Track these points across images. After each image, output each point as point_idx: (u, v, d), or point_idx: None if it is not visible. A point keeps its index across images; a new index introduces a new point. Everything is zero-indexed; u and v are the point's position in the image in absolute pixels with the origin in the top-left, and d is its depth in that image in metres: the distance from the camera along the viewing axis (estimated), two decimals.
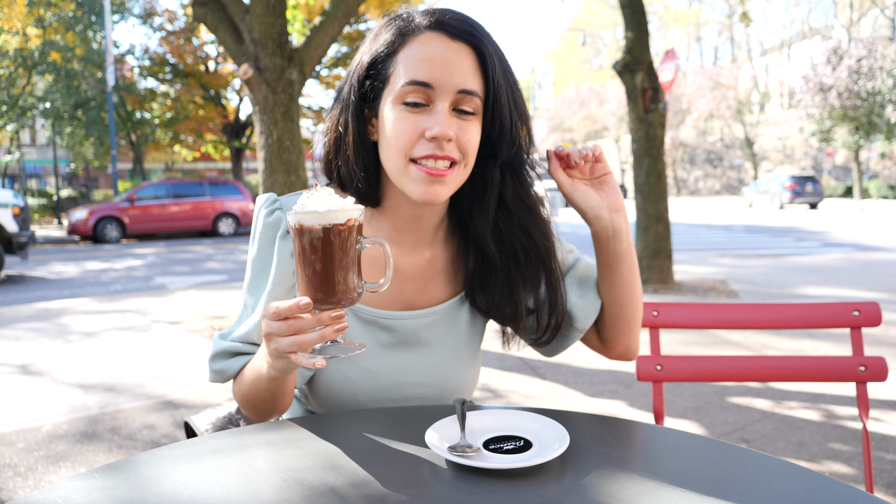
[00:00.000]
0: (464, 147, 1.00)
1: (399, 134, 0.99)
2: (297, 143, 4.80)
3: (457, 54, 0.99)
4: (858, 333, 1.46)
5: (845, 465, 2.76)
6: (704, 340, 4.86)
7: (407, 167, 1.01)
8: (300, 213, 0.85)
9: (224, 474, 0.82)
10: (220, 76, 24.18)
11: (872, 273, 8.58)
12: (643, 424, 1.02)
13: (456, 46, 0.99)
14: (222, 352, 1.11)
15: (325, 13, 4.91)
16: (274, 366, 0.93)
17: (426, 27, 1.00)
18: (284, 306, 0.85)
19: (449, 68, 0.98)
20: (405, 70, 0.99)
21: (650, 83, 7.11)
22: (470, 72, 0.99)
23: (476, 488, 0.78)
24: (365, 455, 0.88)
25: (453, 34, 0.99)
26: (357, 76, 1.06)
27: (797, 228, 17.19)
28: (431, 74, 0.97)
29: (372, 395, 1.12)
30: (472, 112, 1.01)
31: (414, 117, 0.99)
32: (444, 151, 0.98)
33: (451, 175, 1.01)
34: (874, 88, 31.71)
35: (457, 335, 1.17)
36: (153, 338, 5.32)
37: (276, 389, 1.03)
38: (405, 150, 1.00)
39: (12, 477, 2.74)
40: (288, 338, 0.86)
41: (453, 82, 0.98)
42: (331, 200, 0.86)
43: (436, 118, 0.98)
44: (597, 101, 49.56)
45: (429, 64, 0.98)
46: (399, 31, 1.02)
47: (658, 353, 1.52)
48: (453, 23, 1.00)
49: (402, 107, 0.99)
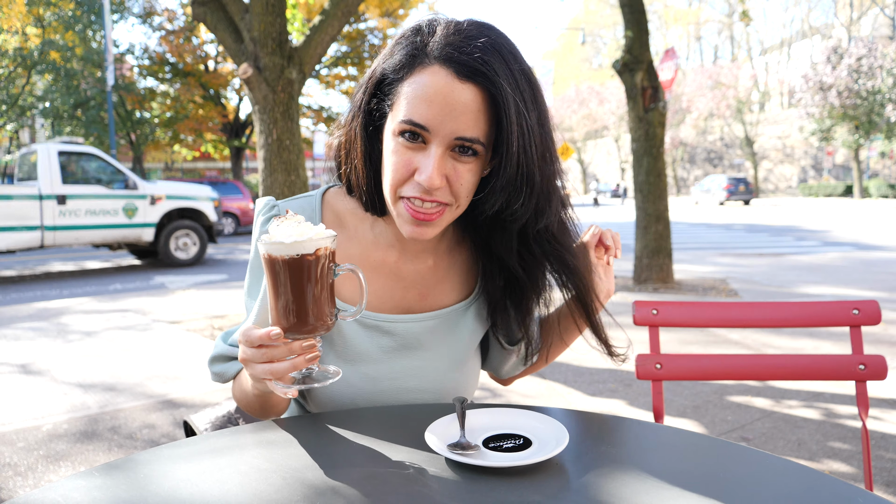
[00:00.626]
0: (456, 191, 0.96)
1: (392, 168, 0.97)
2: (296, 142, 4.80)
3: (461, 95, 0.91)
4: (858, 332, 1.46)
5: (845, 464, 2.76)
6: (704, 339, 4.86)
7: (396, 203, 0.99)
8: (268, 243, 0.84)
9: (223, 473, 0.82)
10: (219, 75, 24.19)
11: (872, 272, 8.58)
12: (643, 423, 1.02)
13: (461, 88, 0.91)
14: (220, 355, 1.12)
15: (324, 12, 4.90)
16: (255, 386, 0.96)
17: (436, 58, 0.93)
18: (257, 334, 0.84)
19: (449, 113, 0.91)
20: (405, 105, 0.94)
21: (650, 82, 7.11)
22: (473, 118, 0.92)
23: (476, 486, 0.78)
24: (364, 453, 0.88)
25: (461, 74, 0.91)
26: (367, 90, 1.02)
27: (797, 227, 17.19)
28: (429, 118, 0.92)
29: (370, 399, 1.11)
30: (473, 152, 0.95)
31: (408, 154, 0.95)
32: (431, 196, 0.95)
33: (440, 218, 0.98)
34: (874, 87, 31.71)
35: (457, 341, 1.17)
36: (153, 337, 5.32)
37: (266, 402, 1.06)
38: (395, 187, 0.98)
39: (12, 476, 2.74)
40: (262, 365, 0.86)
41: (450, 128, 0.92)
42: (299, 230, 0.84)
43: (426, 164, 0.93)
44: (597, 101, 49.54)
45: (428, 105, 0.92)
46: (410, 55, 0.95)
47: (658, 352, 1.51)
48: (464, 59, 0.91)
49: (400, 139, 0.95)
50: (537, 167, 0.96)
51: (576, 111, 51.19)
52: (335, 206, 1.15)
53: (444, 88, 0.91)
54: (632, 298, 6.40)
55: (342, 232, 1.13)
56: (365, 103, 1.02)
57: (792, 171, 47.28)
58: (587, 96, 50.48)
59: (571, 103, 51.59)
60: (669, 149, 45.33)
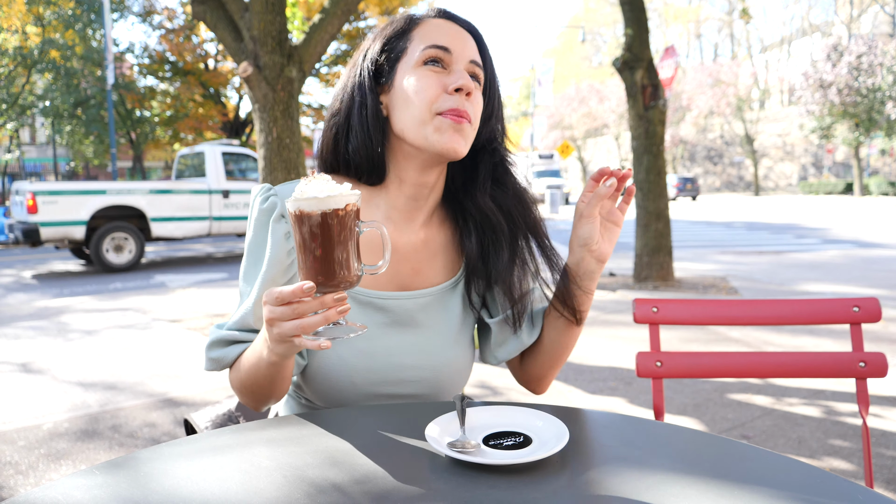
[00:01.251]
0: (475, 111, 1.10)
1: (424, 88, 1.07)
2: (296, 140, 4.80)
3: (464, 34, 1.12)
4: (858, 329, 1.46)
5: (845, 461, 2.76)
6: (704, 337, 4.86)
7: (433, 119, 1.07)
8: (300, 199, 0.86)
9: (224, 471, 0.82)
10: (219, 74, 24.16)
11: (872, 269, 8.58)
12: (643, 420, 1.02)
13: (461, 30, 1.12)
14: (219, 340, 1.12)
15: (324, 10, 4.90)
16: (275, 350, 0.95)
17: (434, 16, 1.13)
18: (287, 291, 0.86)
19: (462, 42, 1.11)
20: (424, 39, 1.10)
21: (650, 80, 7.10)
22: (475, 50, 1.12)
23: (476, 484, 0.78)
24: (365, 451, 0.88)
25: (459, 22, 1.14)
26: (369, 57, 1.14)
27: (797, 225, 17.19)
28: (449, 42, 1.09)
29: (367, 376, 1.13)
30: (478, 81, 1.13)
31: (436, 77, 1.08)
32: (464, 107, 1.07)
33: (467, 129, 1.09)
34: (874, 85, 31.70)
35: (450, 319, 1.19)
36: (153, 336, 5.33)
37: (276, 374, 1.04)
38: (430, 103, 1.07)
39: (13, 475, 2.75)
40: (291, 322, 0.87)
41: (467, 52, 1.10)
42: (329, 186, 0.87)
43: (457, 75, 1.07)
44: (597, 99, 49.50)
45: (445, 33, 1.10)
46: (409, 19, 1.14)
47: (658, 350, 1.52)
48: (458, 17, 1.15)
49: (424, 67, 1.08)
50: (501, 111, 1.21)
51: (576, 109, 51.15)
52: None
53: (452, 26, 1.12)
54: (632, 296, 6.40)
55: None
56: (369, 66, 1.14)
57: (792, 169, 47.28)
58: (587, 94, 50.43)
59: (571, 101, 51.55)
60: (670, 147, 45.32)
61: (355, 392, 1.14)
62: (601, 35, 75.78)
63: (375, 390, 1.14)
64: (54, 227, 9.59)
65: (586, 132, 54.45)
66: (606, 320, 5.49)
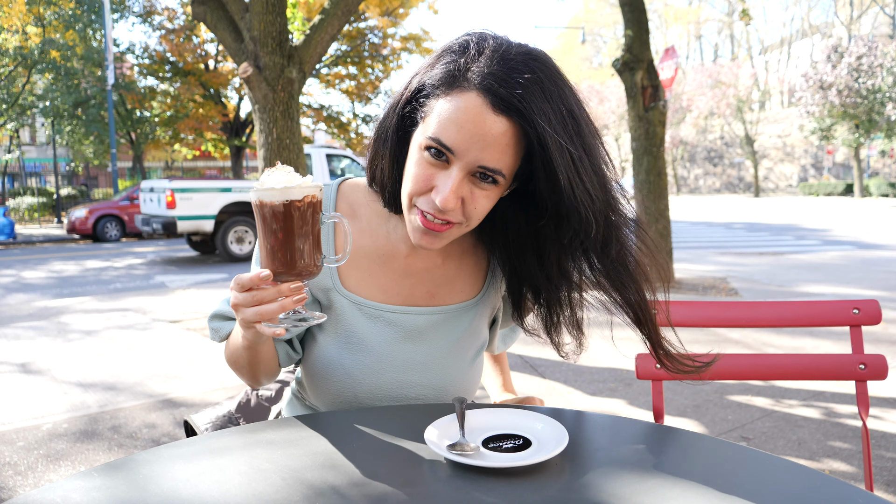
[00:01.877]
0: (468, 213, 0.98)
1: (412, 178, 0.99)
2: (296, 141, 4.79)
3: (492, 129, 0.91)
4: (858, 331, 1.46)
5: (845, 464, 2.76)
6: (704, 338, 4.86)
7: (410, 210, 1.02)
8: (259, 189, 0.89)
9: (223, 473, 0.82)
10: (219, 74, 24.14)
11: (872, 271, 8.58)
12: (642, 423, 1.02)
13: (494, 120, 0.91)
14: (219, 313, 1.16)
15: (324, 11, 4.90)
16: (245, 335, 0.99)
17: (475, 85, 0.91)
18: (246, 278, 0.89)
19: (477, 142, 0.92)
20: (436, 123, 0.94)
21: (650, 81, 7.10)
22: (500, 150, 0.92)
23: (475, 487, 0.78)
24: (364, 454, 0.88)
25: (497, 106, 0.90)
26: (405, 96, 1.02)
27: (797, 226, 17.19)
28: (456, 142, 0.92)
29: (372, 391, 1.12)
30: (493, 181, 0.96)
31: (430, 168, 0.96)
32: (442, 216, 0.97)
33: (448, 232, 1.01)
34: (874, 86, 31.71)
35: (461, 336, 1.17)
36: (153, 336, 5.32)
37: (253, 358, 1.07)
38: (411, 197, 1.00)
39: (12, 476, 2.74)
40: (251, 308, 0.90)
41: (475, 156, 0.93)
42: (289, 177, 0.89)
43: (444, 185, 0.95)
44: (597, 99, 49.48)
45: (457, 129, 0.92)
46: (451, 75, 0.94)
47: None
48: (502, 92, 0.90)
49: (425, 153, 0.96)
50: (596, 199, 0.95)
51: None
52: (350, 197, 1.18)
53: (477, 117, 0.91)
54: None
55: (355, 223, 1.16)
56: (400, 108, 1.03)
57: (792, 170, 47.29)
58: (587, 95, 49.34)
59: None
60: (670, 148, 45.33)
61: (358, 406, 1.13)
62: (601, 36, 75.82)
63: (380, 405, 1.13)
64: (189, 221, 10.99)
65: None
66: (606, 321, 5.49)
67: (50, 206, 25.34)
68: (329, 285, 1.13)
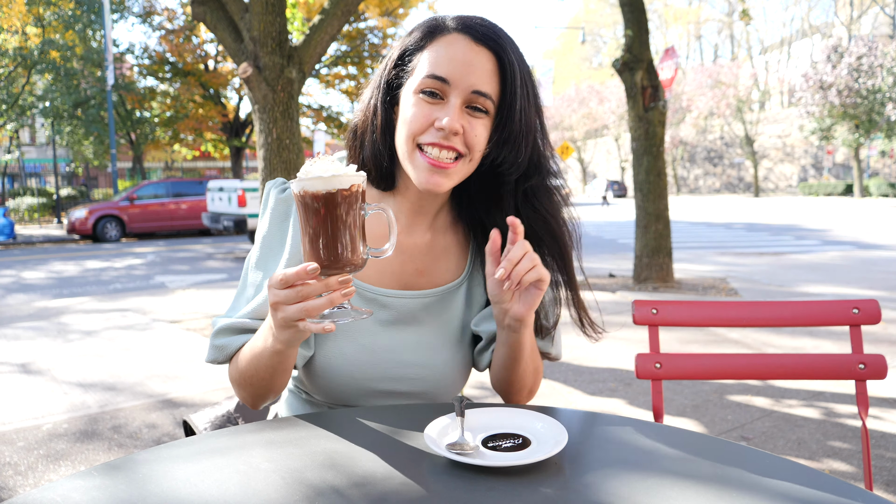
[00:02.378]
0: (470, 142, 1.05)
1: (412, 119, 1.05)
2: (296, 141, 4.79)
3: (477, 56, 1.04)
4: (858, 331, 1.46)
5: (845, 463, 2.76)
6: (704, 338, 4.86)
7: (413, 153, 1.06)
8: (304, 179, 0.86)
9: (222, 473, 0.82)
10: (219, 75, 24.14)
11: (872, 271, 8.58)
12: (642, 422, 1.02)
13: (478, 49, 1.05)
14: (227, 327, 1.11)
15: (324, 11, 4.90)
16: (279, 338, 0.94)
17: (454, 29, 1.06)
18: (291, 273, 0.86)
19: (467, 68, 1.04)
20: (428, 64, 1.05)
21: (650, 81, 7.10)
22: (487, 75, 1.05)
23: (474, 486, 0.78)
24: (364, 453, 0.88)
25: (477, 38, 1.05)
26: (388, 65, 1.12)
27: (797, 227, 17.19)
28: (450, 71, 1.03)
29: (368, 371, 1.13)
30: (484, 111, 1.06)
31: (428, 106, 1.04)
32: (449, 142, 1.03)
33: (455, 168, 1.06)
34: (874, 86, 31.71)
35: (451, 319, 1.20)
36: (153, 337, 5.32)
37: (278, 365, 1.02)
38: (414, 135, 1.05)
39: (12, 475, 2.74)
40: (295, 305, 0.87)
41: (469, 81, 1.03)
42: (334, 166, 0.87)
43: (447, 111, 1.03)
44: (597, 100, 49.50)
45: (449, 61, 1.04)
46: (429, 30, 1.08)
47: (657, 351, 1.51)
48: (479, 28, 1.06)
49: (420, 95, 1.05)
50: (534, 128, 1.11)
51: (576, 110, 51.15)
52: None
53: (465, 48, 1.05)
54: (631, 297, 6.40)
55: None
56: (385, 77, 1.12)
57: (792, 170, 47.26)
58: (587, 95, 50.43)
59: (571, 102, 51.55)
60: (669, 148, 45.30)
61: (355, 387, 1.14)
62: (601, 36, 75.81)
63: (375, 386, 1.15)
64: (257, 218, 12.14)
65: (586, 133, 54.48)
66: (606, 321, 5.48)
67: (50, 206, 25.34)
68: None
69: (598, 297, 6.77)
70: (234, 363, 1.11)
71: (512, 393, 1.22)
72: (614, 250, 12.07)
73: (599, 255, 11.07)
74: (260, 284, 1.13)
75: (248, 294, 1.14)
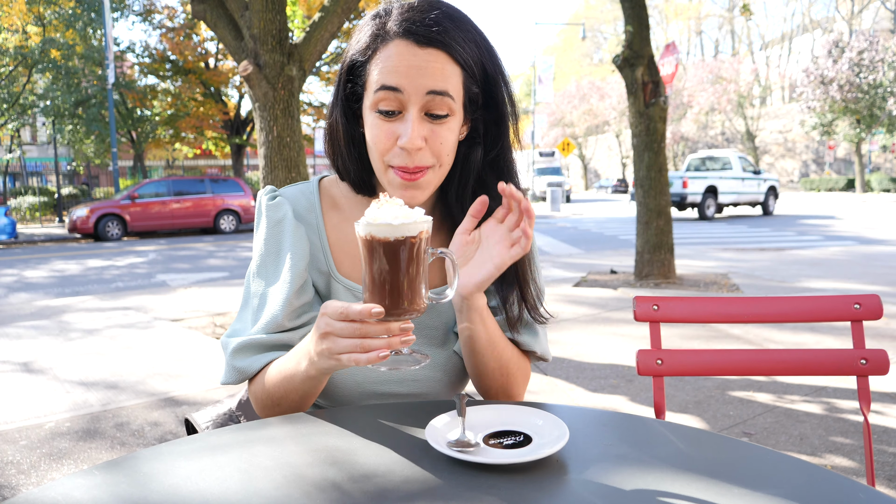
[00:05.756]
0: (437, 151, 1.03)
1: (375, 142, 1.03)
2: (297, 139, 4.79)
3: (424, 59, 1.00)
4: (859, 326, 1.46)
5: (847, 459, 2.76)
6: (705, 334, 4.86)
7: (386, 172, 1.05)
8: (372, 224, 0.84)
9: (224, 471, 0.82)
10: (220, 73, 24.15)
11: (873, 266, 8.57)
12: (643, 419, 1.02)
13: (424, 52, 1.00)
14: (245, 346, 1.08)
15: (324, 9, 4.89)
16: (317, 364, 0.92)
17: (395, 34, 1.01)
18: (355, 310, 0.84)
19: (416, 72, 0.99)
20: (377, 76, 1.01)
21: (651, 77, 7.09)
22: (441, 73, 1.00)
23: (476, 483, 0.78)
24: (365, 450, 0.88)
25: (421, 41, 1.00)
26: (342, 78, 1.11)
27: (799, 222, 17.16)
28: (399, 80, 0.99)
29: (370, 374, 1.14)
30: (445, 114, 1.02)
31: (387, 125, 1.02)
32: (414, 163, 1.02)
33: (425, 178, 1.04)
34: (875, 81, 31.65)
35: (449, 321, 1.20)
36: (155, 335, 5.33)
37: (310, 389, 1.02)
38: (381, 156, 1.04)
39: (15, 474, 2.75)
40: (349, 340, 0.85)
41: (420, 84, 0.99)
42: (403, 212, 0.85)
43: (405, 128, 1.00)
44: (597, 96, 49.46)
45: (395, 70, 1.00)
46: (373, 36, 1.04)
47: (659, 348, 1.51)
48: (421, 30, 1.00)
49: (377, 114, 1.02)
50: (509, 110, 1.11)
51: (576, 106, 51.12)
52: (331, 191, 1.22)
53: (408, 54, 1.00)
54: (633, 294, 6.40)
55: (338, 215, 1.19)
56: (342, 90, 1.11)
57: (793, 166, 47.22)
58: (588, 91, 50.39)
59: (572, 99, 51.52)
60: (670, 144, 45.28)
61: (358, 390, 1.14)
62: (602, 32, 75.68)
63: (377, 389, 1.15)
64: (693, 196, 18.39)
65: (587, 129, 54.43)
66: (607, 318, 5.49)
67: (51, 205, 25.36)
68: (326, 270, 1.16)
69: (599, 293, 6.77)
70: (259, 383, 1.09)
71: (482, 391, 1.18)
72: (616, 246, 12.06)
73: (601, 252, 11.06)
74: (264, 294, 1.12)
75: (253, 304, 1.13)
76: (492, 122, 1.11)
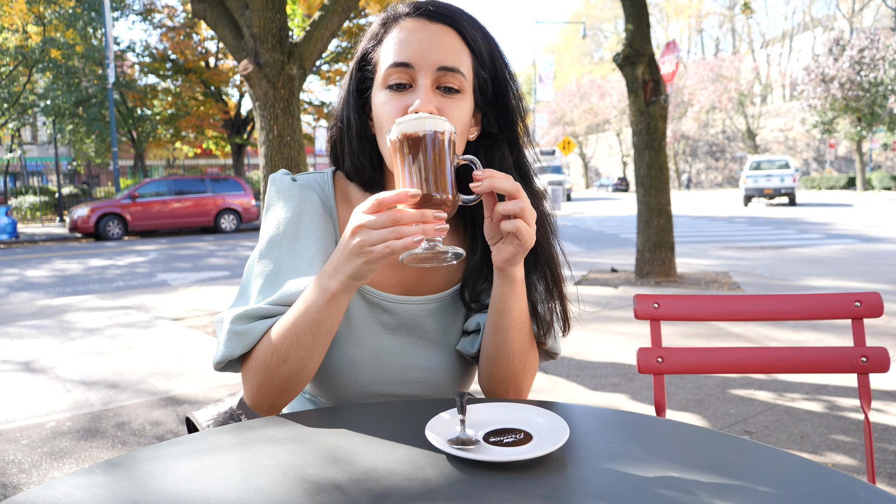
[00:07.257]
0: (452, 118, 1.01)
1: (387, 115, 1.01)
2: (297, 138, 4.79)
3: (436, 33, 1.01)
4: (860, 324, 1.46)
5: (847, 457, 2.76)
6: (706, 332, 4.85)
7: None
8: (402, 122, 0.89)
9: (224, 469, 0.82)
10: (220, 72, 24.15)
11: (874, 264, 8.56)
12: (644, 416, 1.02)
13: (435, 27, 1.01)
14: (252, 313, 1.02)
15: (324, 8, 4.89)
16: (345, 269, 0.90)
17: (405, 14, 1.04)
18: (390, 195, 0.85)
19: (427, 46, 1.00)
20: (387, 55, 1.02)
21: (651, 75, 7.09)
22: (452, 49, 1.01)
23: (476, 481, 0.78)
24: (365, 449, 0.88)
25: (431, 17, 1.02)
26: (353, 71, 1.11)
27: (799, 220, 17.16)
28: (410, 54, 1.00)
29: (372, 375, 1.13)
30: (458, 90, 1.02)
31: (399, 97, 1.01)
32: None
33: None
34: (876, 79, 31.61)
35: (454, 324, 1.19)
36: (155, 334, 5.33)
37: (324, 320, 0.96)
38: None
39: (16, 473, 2.75)
40: (384, 230, 0.85)
41: (432, 59, 1.00)
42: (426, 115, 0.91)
43: (416, 96, 0.99)
44: (598, 94, 49.45)
45: (407, 45, 1.01)
46: (383, 22, 1.07)
47: (659, 346, 1.51)
48: (431, 7, 1.03)
49: (388, 90, 1.02)
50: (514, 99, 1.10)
51: (577, 105, 51.12)
52: (343, 185, 1.20)
53: (420, 29, 1.01)
54: (634, 292, 6.40)
55: (350, 210, 1.15)
56: (353, 84, 1.11)
57: (795, 164, 47.20)
58: (588, 90, 50.39)
59: (573, 97, 51.51)
60: (671, 142, 45.26)
61: (359, 390, 1.14)
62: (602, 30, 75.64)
63: (379, 389, 1.15)
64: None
65: (588, 128, 54.42)
66: (608, 316, 5.49)
67: (52, 204, 25.37)
68: None
69: (600, 291, 6.77)
70: (262, 346, 1.00)
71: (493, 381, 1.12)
72: (616, 245, 12.06)
73: (601, 250, 11.06)
74: (274, 272, 1.06)
75: (257, 285, 1.07)
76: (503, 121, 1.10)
